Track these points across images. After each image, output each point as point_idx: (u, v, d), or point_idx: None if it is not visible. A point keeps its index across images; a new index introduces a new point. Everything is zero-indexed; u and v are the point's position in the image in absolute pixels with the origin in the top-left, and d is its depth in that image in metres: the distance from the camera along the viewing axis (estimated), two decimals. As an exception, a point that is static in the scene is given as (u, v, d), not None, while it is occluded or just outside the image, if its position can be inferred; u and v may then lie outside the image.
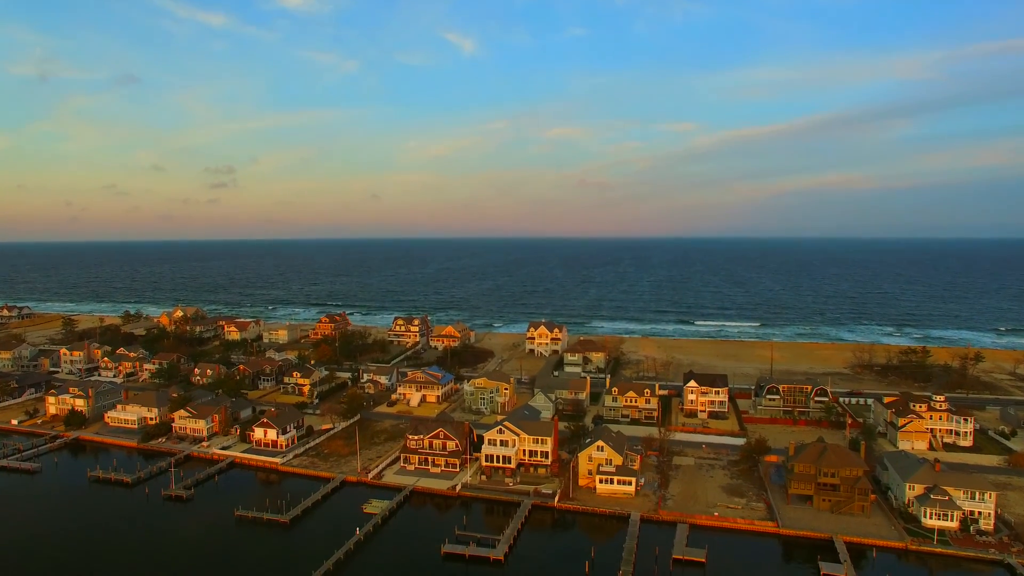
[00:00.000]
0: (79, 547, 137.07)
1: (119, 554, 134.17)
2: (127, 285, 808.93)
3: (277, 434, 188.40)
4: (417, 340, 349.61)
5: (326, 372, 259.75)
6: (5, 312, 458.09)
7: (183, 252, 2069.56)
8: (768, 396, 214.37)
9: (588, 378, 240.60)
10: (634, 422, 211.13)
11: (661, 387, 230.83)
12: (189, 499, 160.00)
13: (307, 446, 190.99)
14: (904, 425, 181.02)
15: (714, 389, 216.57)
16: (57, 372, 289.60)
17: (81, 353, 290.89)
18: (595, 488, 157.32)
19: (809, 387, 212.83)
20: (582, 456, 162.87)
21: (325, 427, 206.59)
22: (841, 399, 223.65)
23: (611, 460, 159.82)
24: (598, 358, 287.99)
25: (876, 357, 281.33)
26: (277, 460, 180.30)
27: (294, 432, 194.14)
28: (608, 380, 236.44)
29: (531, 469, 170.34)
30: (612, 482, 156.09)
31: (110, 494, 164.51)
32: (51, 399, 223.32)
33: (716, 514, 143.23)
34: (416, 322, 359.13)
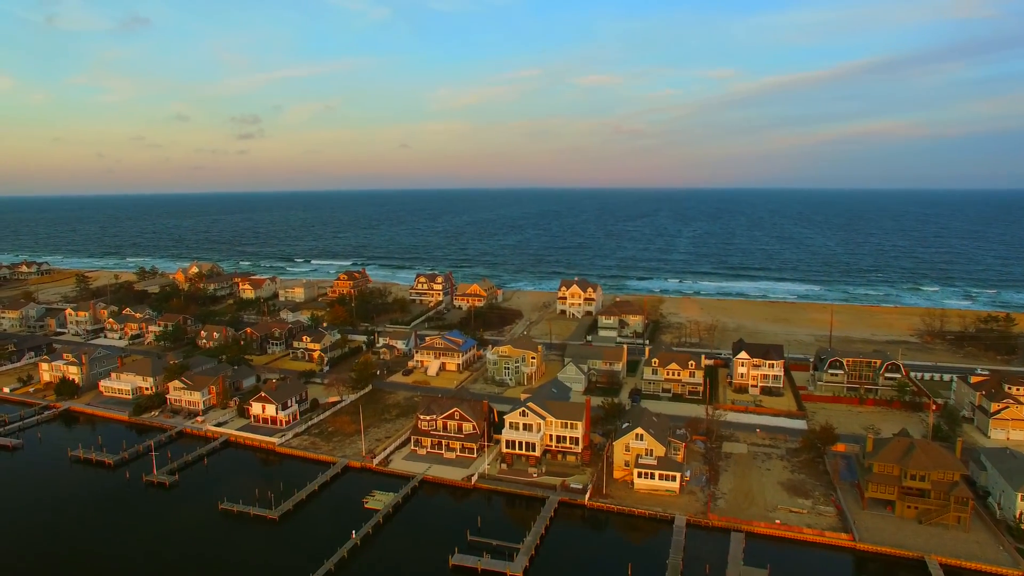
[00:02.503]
0: (34, 544, 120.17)
1: (77, 555, 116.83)
2: (149, 240, 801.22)
3: (276, 409, 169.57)
4: (440, 299, 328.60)
5: (339, 336, 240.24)
6: (24, 268, 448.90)
7: (212, 204, 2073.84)
8: (830, 371, 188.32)
9: (625, 347, 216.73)
10: (676, 398, 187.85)
11: (706, 357, 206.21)
12: (172, 486, 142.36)
13: (309, 423, 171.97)
14: (998, 411, 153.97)
15: (768, 361, 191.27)
16: (63, 333, 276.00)
17: (87, 313, 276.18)
18: (632, 482, 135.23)
19: (878, 361, 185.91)
20: (618, 445, 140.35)
21: (332, 400, 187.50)
22: (912, 374, 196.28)
23: (652, 451, 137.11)
24: (635, 321, 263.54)
25: (949, 324, 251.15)
26: (274, 440, 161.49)
27: (296, 407, 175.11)
28: (647, 349, 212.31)
29: (558, 457, 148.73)
30: (652, 476, 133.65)
31: (89, 478, 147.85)
32: (45, 366, 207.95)
33: (777, 521, 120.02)
34: (439, 280, 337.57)
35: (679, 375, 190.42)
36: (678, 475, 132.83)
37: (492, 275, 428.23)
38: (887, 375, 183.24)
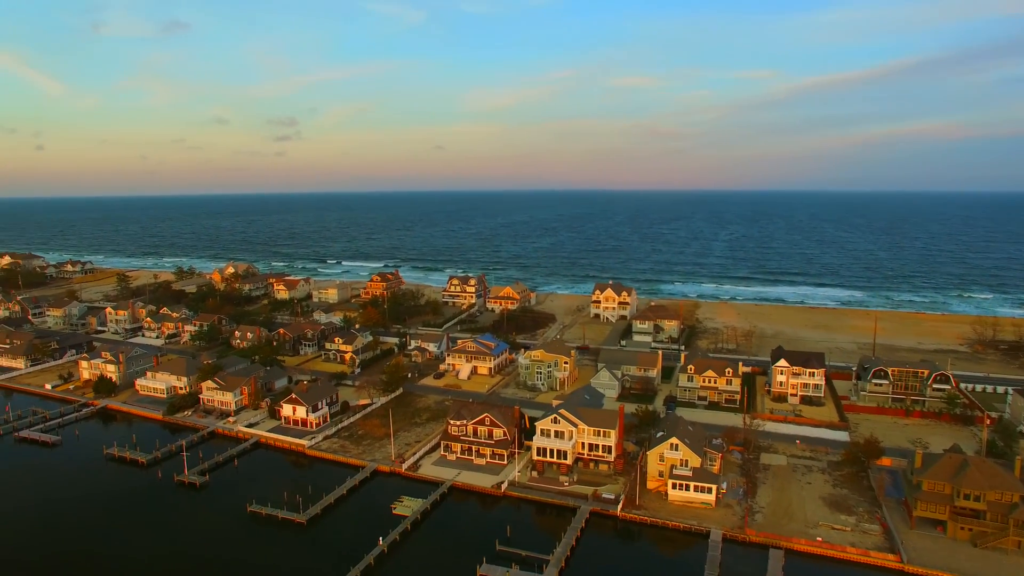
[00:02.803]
0: (65, 540, 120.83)
1: (106, 554, 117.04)
2: (188, 240, 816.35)
3: (307, 411, 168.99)
4: (473, 302, 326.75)
5: (371, 338, 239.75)
6: (69, 267, 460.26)
7: (250, 205, 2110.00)
8: (874, 380, 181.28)
9: (660, 352, 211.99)
10: (712, 406, 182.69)
11: (744, 364, 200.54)
12: (203, 487, 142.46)
13: (339, 425, 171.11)
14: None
15: (808, 370, 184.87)
16: (103, 332, 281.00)
17: (126, 312, 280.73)
18: (667, 493, 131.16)
19: (926, 371, 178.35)
20: (652, 455, 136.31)
21: (362, 402, 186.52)
22: (963, 385, 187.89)
23: (687, 461, 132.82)
24: (671, 326, 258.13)
25: (1002, 333, 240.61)
26: (304, 443, 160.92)
27: (326, 409, 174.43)
28: (683, 355, 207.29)
29: (591, 465, 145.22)
30: (688, 488, 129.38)
31: (122, 476, 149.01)
32: (84, 363, 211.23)
33: (819, 539, 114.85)
34: (472, 282, 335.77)
35: (715, 382, 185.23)
36: (714, 487, 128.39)
37: (525, 278, 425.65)
38: (935, 386, 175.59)
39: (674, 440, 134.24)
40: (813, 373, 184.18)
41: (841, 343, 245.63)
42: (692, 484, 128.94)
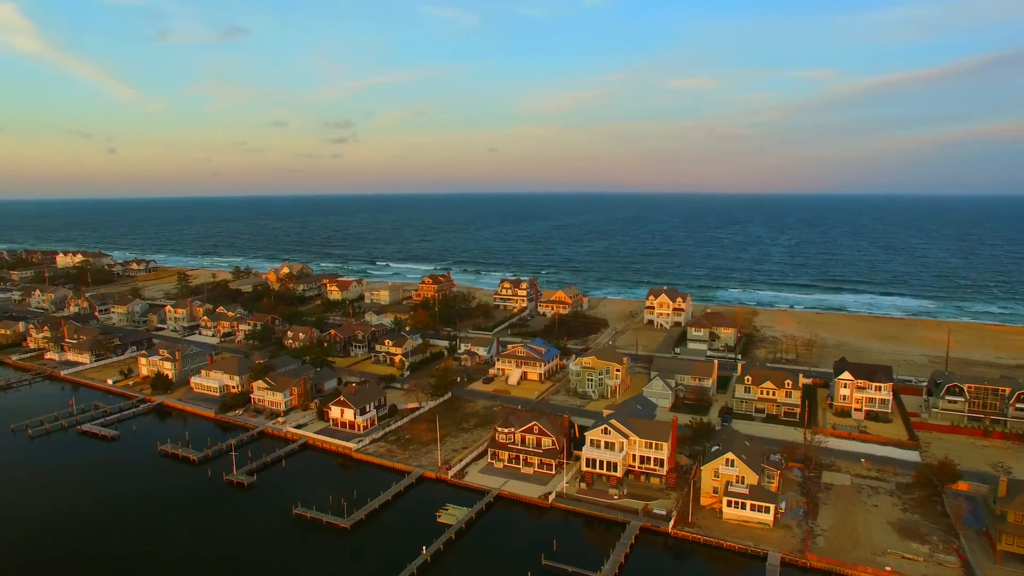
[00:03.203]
0: (115, 535, 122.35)
1: (152, 550, 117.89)
2: (245, 240, 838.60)
3: (355, 414, 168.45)
4: (524, 305, 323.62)
5: (420, 341, 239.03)
6: (134, 265, 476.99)
7: (306, 206, 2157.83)
8: (948, 397, 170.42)
9: (716, 361, 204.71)
10: (770, 418, 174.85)
11: (804, 375, 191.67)
12: (250, 487, 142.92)
13: (387, 429, 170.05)
14: None
15: (874, 384, 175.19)
16: (163, 329, 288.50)
17: (184, 311, 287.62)
18: (721, 511, 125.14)
19: (1008, 389, 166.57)
20: (706, 470, 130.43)
21: (411, 406, 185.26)
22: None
23: (743, 478, 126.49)
24: (727, 334, 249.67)
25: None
26: (351, 445, 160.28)
27: (374, 412, 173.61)
28: (740, 364, 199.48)
29: (642, 478, 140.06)
30: (744, 507, 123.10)
31: (174, 472, 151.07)
32: (143, 360, 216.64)
33: (888, 568, 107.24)
34: (524, 285, 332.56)
35: (774, 394, 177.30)
36: (772, 506, 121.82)
37: (577, 282, 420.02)
38: (1019, 405, 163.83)
39: (730, 455, 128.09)
40: (880, 387, 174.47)
41: (910, 356, 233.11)
42: (748, 502, 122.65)
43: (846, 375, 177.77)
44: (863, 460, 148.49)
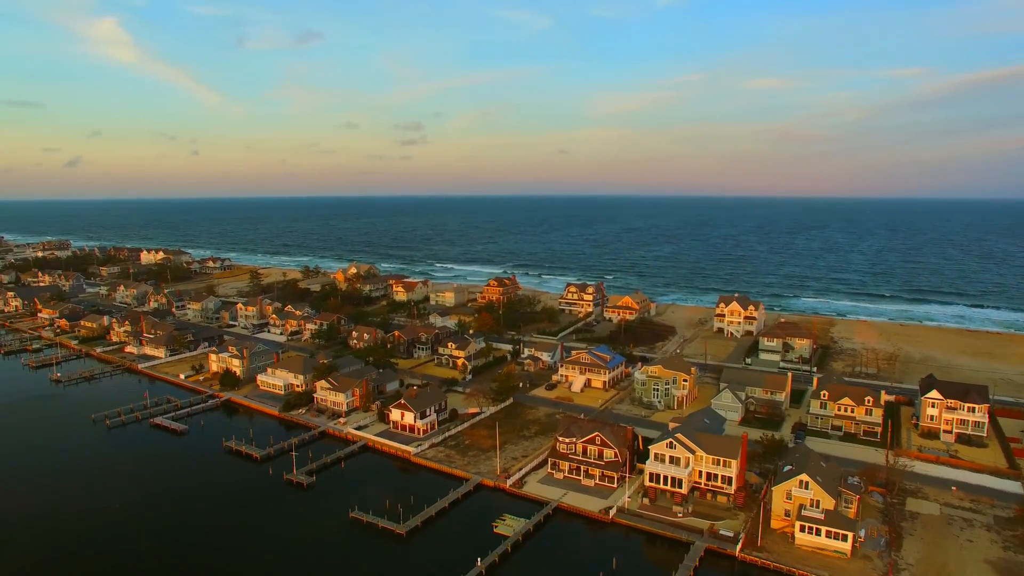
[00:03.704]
0: (178, 530, 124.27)
1: (212, 546, 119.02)
2: (316, 240, 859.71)
3: (415, 418, 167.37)
4: (590, 310, 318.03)
5: (484, 344, 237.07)
6: (211, 263, 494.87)
7: (376, 207, 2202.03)
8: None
9: (790, 374, 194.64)
10: (848, 437, 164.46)
11: (887, 392, 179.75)
12: (309, 487, 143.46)
13: (447, 434, 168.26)
14: None
15: (967, 404, 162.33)
16: (234, 326, 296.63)
17: (255, 309, 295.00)
18: (793, 536, 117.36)
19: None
20: (778, 491, 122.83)
21: (471, 411, 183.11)
22: None
23: (819, 502, 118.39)
24: (802, 345, 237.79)
25: None
26: (410, 449, 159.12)
27: (434, 416, 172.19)
28: (816, 378, 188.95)
29: (708, 496, 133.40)
30: (818, 533, 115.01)
31: (237, 469, 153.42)
32: (213, 356, 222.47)
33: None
34: (590, 290, 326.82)
35: (853, 411, 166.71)
36: (850, 534, 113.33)
37: (644, 287, 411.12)
38: None
39: (804, 477, 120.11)
40: (973, 408, 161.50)
41: (1007, 374, 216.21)
42: (824, 528, 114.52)
43: (934, 393, 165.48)
44: (954, 488, 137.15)
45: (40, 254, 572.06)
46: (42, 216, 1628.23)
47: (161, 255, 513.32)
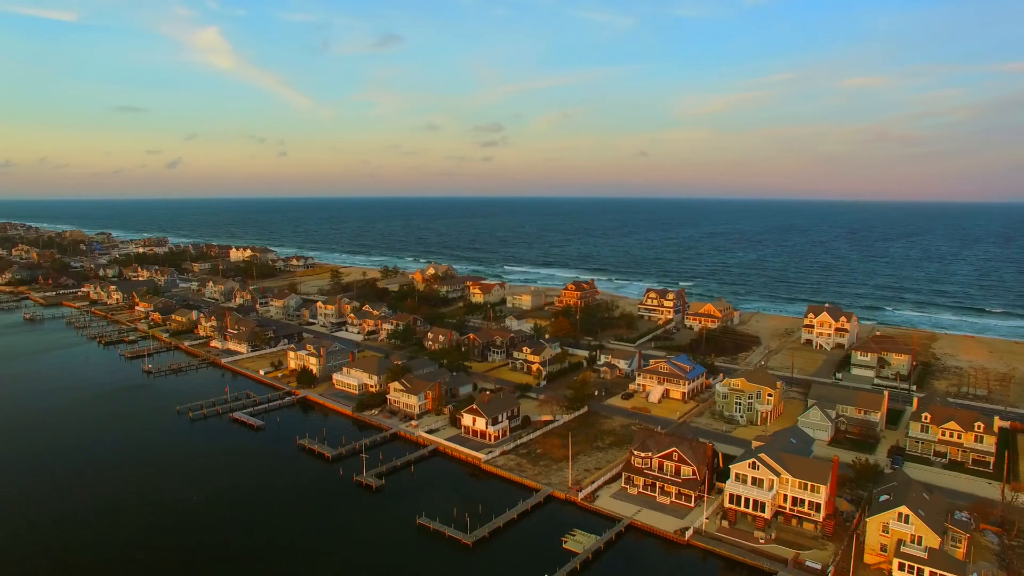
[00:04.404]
0: (248, 526, 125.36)
1: (282, 545, 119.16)
2: (396, 240, 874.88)
3: (486, 424, 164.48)
4: (670, 317, 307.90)
5: (559, 350, 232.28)
6: (294, 261, 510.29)
7: (456, 208, 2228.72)
8: None
9: (886, 392, 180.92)
10: (953, 465, 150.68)
11: (1000, 417, 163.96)
12: (379, 490, 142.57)
13: (518, 441, 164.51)
14: None
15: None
16: (313, 324, 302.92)
17: (334, 307, 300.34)
18: (890, 574, 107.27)
19: None
20: (874, 522, 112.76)
21: (544, 418, 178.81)
22: None
23: (921, 538, 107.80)
24: (899, 361, 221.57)
25: None
26: (481, 456, 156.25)
27: (506, 423, 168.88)
28: (916, 398, 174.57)
29: (793, 522, 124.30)
30: (920, 574, 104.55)
31: (309, 468, 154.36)
32: (292, 354, 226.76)
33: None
34: (671, 296, 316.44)
35: (960, 437, 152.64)
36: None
37: (726, 294, 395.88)
38: None
39: (904, 509, 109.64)
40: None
41: None
42: (927, 569, 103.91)
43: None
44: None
45: (140, 250, 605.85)
46: (145, 214, 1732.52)
47: (248, 252, 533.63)
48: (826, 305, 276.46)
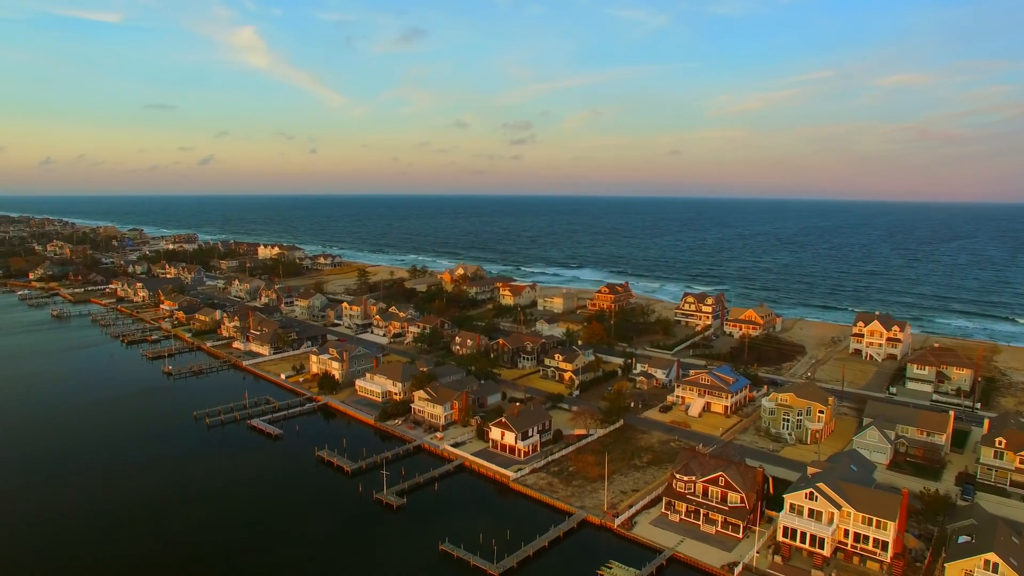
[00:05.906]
0: (259, 543, 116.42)
1: (300, 562, 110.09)
2: (425, 239, 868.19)
3: (516, 438, 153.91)
4: (709, 323, 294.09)
5: (593, 357, 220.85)
6: (321, 260, 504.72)
7: (486, 206, 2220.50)
8: None
9: (952, 412, 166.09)
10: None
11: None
12: (400, 509, 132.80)
13: (550, 458, 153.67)
14: None
15: None
16: (339, 325, 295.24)
17: (359, 308, 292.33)
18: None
19: None
20: (954, 568, 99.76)
21: (577, 432, 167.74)
22: None
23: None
24: (960, 375, 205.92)
25: None
26: (509, 473, 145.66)
27: (537, 437, 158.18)
28: (987, 420, 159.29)
29: (855, 560, 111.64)
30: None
31: (327, 484, 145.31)
32: (314, 358, 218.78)
33: None
34: (710, 301, 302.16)
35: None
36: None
37: (768, 299, 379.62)
38: None
39: (993, 557, 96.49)
40: None
41: None
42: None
43: None
44: None
45: (170, 247, 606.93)
46: (177, 210, 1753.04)
47: (276, 250, 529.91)
48: (877, 313, 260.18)
